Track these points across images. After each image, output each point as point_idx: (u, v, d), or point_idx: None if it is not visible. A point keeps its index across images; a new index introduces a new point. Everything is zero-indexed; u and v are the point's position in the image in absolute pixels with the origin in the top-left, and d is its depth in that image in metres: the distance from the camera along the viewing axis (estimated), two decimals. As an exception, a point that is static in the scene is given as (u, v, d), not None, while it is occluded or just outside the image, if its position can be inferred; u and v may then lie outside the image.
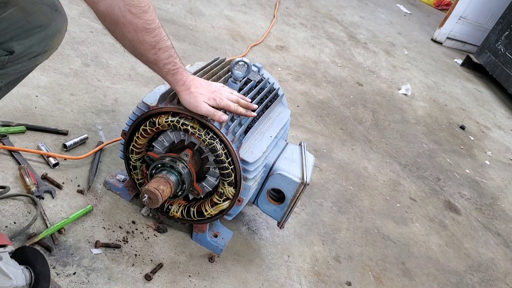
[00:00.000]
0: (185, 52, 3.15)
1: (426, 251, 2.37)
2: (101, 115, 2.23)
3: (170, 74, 1.50)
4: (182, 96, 1.52)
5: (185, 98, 1.52)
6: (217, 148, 1.57)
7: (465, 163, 3.40)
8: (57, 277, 1.48)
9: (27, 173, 1.73)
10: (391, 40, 5.26)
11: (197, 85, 1.55)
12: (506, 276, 2.44)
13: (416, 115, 3.84)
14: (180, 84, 1.52)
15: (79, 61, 2.53)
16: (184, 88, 1.52)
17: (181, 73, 1.52)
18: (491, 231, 2.75)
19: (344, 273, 2.02)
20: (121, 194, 1.87)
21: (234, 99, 1.62)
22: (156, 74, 1.53)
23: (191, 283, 1.67)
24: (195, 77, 1.59)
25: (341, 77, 3.89)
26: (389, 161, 3.02)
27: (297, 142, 2.57)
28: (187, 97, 1.52)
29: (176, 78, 1.51)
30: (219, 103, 1.55)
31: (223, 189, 1.66)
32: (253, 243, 1.96)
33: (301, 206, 2.27)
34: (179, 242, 1.80)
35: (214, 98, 1.55)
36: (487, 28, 5.60)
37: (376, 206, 2.54)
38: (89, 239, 1.65)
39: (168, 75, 1.50)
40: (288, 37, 4.17)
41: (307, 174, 1.73)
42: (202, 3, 4.00)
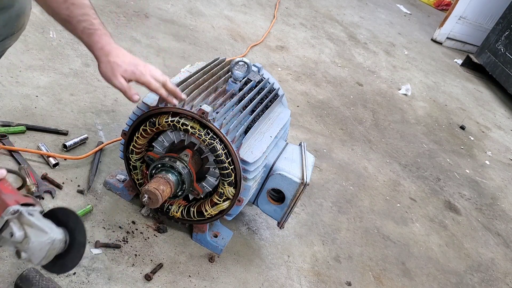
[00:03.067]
0: (185, 52, 3.15)
1: (426, 251, 2.37)
2: (101, 115, 2.23)
3: (86, 34, 1.33)
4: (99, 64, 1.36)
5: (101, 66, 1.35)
6: (217, 148, 1.57)
7: (465, 163, 3.40)
8: (57, 277, 1.48)
9: (27, 173, 1.73)
10: (391, 40, 5.26)
11: (118, 55, 1.38)
12: (506, 276, 2.44)
13: (416, 115, 3.84)
14: (98, 48, 1.35)
15: (79, 61, 2.53)
16: (102, 54, 1.35)
17: (99, 36, 1.35)
18: (491, 231, 2.75)
19: (344, 273, 2.02)
20: (121, 194, 1.87)
21: (161, 79, 1.46)
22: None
23: (191, 283, 1.67)
24: (119, 47, 1.41)
25: (341, 77, 3.89)
26: (389, 161, 3.02)
27: (297, 142, 2.57)
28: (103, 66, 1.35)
29: (92, 40, 1.34)
30: (138, 77, 1.40)
31: (223, 189, 1.66)
32: (253, 243, 1.96)
33: (301, 206, 2.27)
34: (179, 242, 1.80)
35: (134, 72, 1.39)
36: (487, 28, 5.60)
37: (376, 206, 2.54)
38: (89, 239, 1.65)
39: (83, 35, 1.33)
40: (288, 37, 4.17)
41: (307, 174, 1.73)
42: (202, 3, 4.00)
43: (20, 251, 1.05)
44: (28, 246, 1.03)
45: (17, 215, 1.04)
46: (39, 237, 1.04)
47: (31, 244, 1.03)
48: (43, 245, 1.05)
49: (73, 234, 1.11)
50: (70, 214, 1.11)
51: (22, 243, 1.03)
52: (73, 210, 1.13)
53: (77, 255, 1.12)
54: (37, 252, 1.05)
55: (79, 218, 1.12)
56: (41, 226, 1.05)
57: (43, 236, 1.05)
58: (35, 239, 1.03)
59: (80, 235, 1.11)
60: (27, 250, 1.04)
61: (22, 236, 1.03)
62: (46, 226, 1.06)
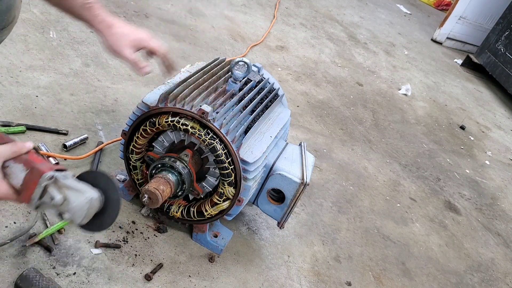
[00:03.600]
0: (185, 52, 3.15)
1: (426, 251, 2.37)
2: (101, 115, 2.23)
3: (85, 8, 1.32)
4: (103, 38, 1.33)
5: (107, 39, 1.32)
6: (217, 148, 1.58)
7: (465, 163, 3.40)
8: (57, 277, 1.48)
9: (27, 173, 1.73)
10: (391, 40, 5.26)
11: (120, 26, 1.37)
12: (506, 276, 2.44)
13: (416, 115, 3.84)
14: (99, 21, 1.34)
15: (79, 61, 2.53)
16: (104, 27, 1.33)
17: (98, 8, 1.34)
18: (491, 231, 2.75)
19: (344, 273, 2.02)
20: (121, 194, 1.87)
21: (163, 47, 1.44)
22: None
23: (191, 283, 1.67)
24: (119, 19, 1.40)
25: (341, 77, 3.89)
26: (389, 161, 3.02)
27: (297, 142, 2.57)
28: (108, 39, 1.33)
29: (93, 14, 1.33)
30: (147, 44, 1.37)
31: (223, 189, 1.66)
32: (253, 243, 1.96)
33: (301, 206, 2.27)
34: (179, 242, 1.80)
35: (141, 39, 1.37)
36: (487, 28, 5.60)
37: (376, 206, 2.54)
38: (89, 239, 1.65)
39: (82, 10, 1.32)
40: (288, 37, 4.17)
41: (307, 174, 1.73)
42: (202, 3, 4.00)
43: (62, 213, 1.12)
44: (68, 207, 1.10)
45: (54, 180, 1.10)
46: (77, 198, 1.10)
47: (71, 205, 1.10)
48: (82, 204, 1.11)
49: (107, 193, 1.16)
50: (100, 175, 1.17)
51: (63, 205, 1.10)
52: (102, 172, 1.19)
53: (113, 211, 1.17)
54: (78, 212, 1.11)
55: (109, 177, 1.17)
56: (78, 187, 1.11)
57: (81, 196, 1.11)
58: (74, 199, 1.10)
59: (113, 192, 1.16)
60: (68, 210, 1.11)
61: (61, 199, 1.10)
62: (82, 187, 1.12)
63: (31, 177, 1.09)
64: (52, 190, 1.10)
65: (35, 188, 1.09)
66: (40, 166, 1.10)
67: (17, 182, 1.10)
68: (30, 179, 1.09)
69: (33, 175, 1.09)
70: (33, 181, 1.09)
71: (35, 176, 1.09)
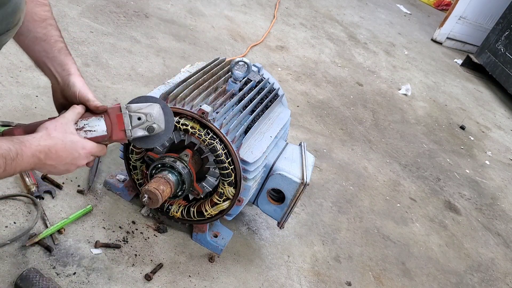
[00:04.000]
0: (185, 52, 3.15)
1: (426, 251, 2.37)
2: (101, 115, 2.23)
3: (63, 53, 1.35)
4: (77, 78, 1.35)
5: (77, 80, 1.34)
6: (217, 148, 1.58)
7: (465, 163, 3.40)
8: (57, 277, 1.48)
9: (27, 173, 1.73)
10: (391, 40, 5.26)
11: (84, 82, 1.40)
12: (506, 276, 2.44)
13: (416, 115, 3.84)
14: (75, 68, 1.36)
15: (79, 61, 2.53)
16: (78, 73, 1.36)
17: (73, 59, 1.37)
18: (491, 231, 2.75)
19: (344, 273, 2.02)
20: (121, 194, 1.87)
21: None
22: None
23: (191, 283, 1.67)
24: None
25: (341, 77, 3.89)
26: (389, 161, 3.02)
27: (297, 142, 2.57)
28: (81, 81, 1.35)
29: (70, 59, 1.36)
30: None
31: (223, 189, 1.66)
32: (253, 243, 1.96)
33: (301, 206, 2.27)
34: (179, 242, 1.80)
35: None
36: (487, 28, 5.60)
37: (376, 206, 2.54)
38: (89, 239, 1.65)
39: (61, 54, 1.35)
40: (288, 37, 4.17)
41: (307, 174, 1.73)
42: (202, 3, 4.00)
43: (151, 125, 1.28)
44: (152, 118, 1.28)
45: (128, 108, 1.27)
46: (153, 109, 1.28)
47: (154, 116, 1.28)
48: (159, 111, 1.30)
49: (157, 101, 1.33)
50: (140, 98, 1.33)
51: (148, 119, 1.27)
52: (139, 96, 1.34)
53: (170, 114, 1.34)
54: (159, 119, 1.29)
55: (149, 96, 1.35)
56: (146, 104, 1.29)
57: (153, 106, 1.29)
58: (152, 111, 1.28)
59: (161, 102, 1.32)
60: (154, 121, 1.28)
61: (144, 115, 1.28)
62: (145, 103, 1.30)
63: (112, 116, 1.25)
64: (135, 114, 1.27)
65: (123, 120, 1.26)
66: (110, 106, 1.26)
67: (102, 130, 1.24)
68: (112, 118, 1.25)
69: (112, 112, 1.25)
70: (118, 116, 1.26)
71: (115, 112, 1.25)
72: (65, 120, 1.21)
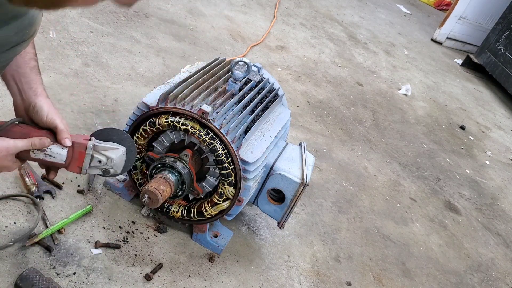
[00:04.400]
0: (185, 52, 3.15)
1: (426, 251, 2.37)
2: (101, 115, 2.23)
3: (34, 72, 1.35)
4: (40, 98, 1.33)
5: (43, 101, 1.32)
6: (217, 148, 1.58)
7: (465, 163, 3.40)
8: (57, 277, 1.48)
9: (27, 173, 1.73)
10: (391, 40, 5.26)
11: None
12: (506, 276, 2.44)
13: (416, 115, 3.84)
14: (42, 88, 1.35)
15: (79, 61, 2.53)
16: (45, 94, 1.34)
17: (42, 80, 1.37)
18: (491, 231, 2.75)
19: (344, 273, 2.02)
20: (121, 194, 1.87)
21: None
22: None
23: (191, 283, 1.67)
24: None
25: (341, 77, 3.89)
26: (389, 161, 3.02)
27: (297, 142, 2.57)
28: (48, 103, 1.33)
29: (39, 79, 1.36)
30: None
31: (223, 189, 1.66)
32: (253, 243, 1.96)
33: (301, 206, 2.27)
34: (179, 242, 1.80)
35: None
36: (487, 28, 5.60)
37: (376, 206, 2.54)
38: (89, 239, 1.65)
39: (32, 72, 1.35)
40: (288, 37, 4.17)
41: (307, 174, 1.73)
42: (202, 3, 4.00)
43: (108, 169, 1.34)
44: (113, 163, 1.32)
45: (94, 147, 1.30)
46: (116, 154, 1.33)
47: (115, 161, 1.32)
48: (121, 157, 1.35)
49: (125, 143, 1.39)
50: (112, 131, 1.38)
51: (107, 163, 1.32)
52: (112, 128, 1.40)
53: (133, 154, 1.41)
54: (119, 164, 1.35)
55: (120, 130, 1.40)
56: (111, 146, 1.33)
57: (118, 151, 1.33)
58: (115, 156, 1.32)
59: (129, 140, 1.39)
60: (113, 166, 1.33)
61: (106, 159, 1.32)
62: (113, 145, 1.34)
63: (75, 151, 1.27)
64: (97, 155, 1.31)
65: (83, 159, 1.28)
66: (79, 140, 1.28)
67: (61, 160, 1.26)
68: (75, 153, 1.27)
69: (76, 148, 1.27)
70: (80, 153, 1.28)
71: (80, 149, 1.27)
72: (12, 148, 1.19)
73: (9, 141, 1.19)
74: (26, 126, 1.27)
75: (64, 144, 1.26)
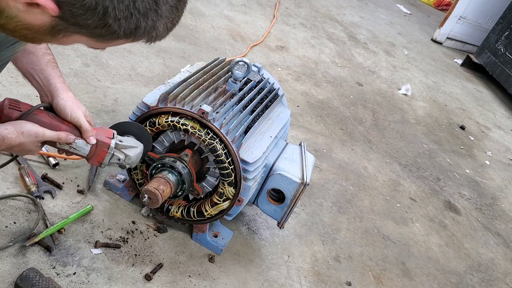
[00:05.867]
0: (185, 52, 3.15)
1: (426, 251, 2.37)
2: (101, 115, 2.23)
3: (50, 66, 1.38)
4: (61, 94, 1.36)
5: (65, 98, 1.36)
6: (217, 148, 1.57)
7: (465, 163, 3.40)
8: (57, 277, 1.48)
9: (27, 173, 1.73)
10: (391, 40, 5.26)
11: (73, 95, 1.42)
12: (506, 276, 2.44)
13: (416, 115, 3.84)
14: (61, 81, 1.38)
15: (79, 61, 2.53)
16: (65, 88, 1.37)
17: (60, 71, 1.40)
18: (491, 231, 2.75)
19: (344, 273, 2.02)
20: (121, 194, 1.87)
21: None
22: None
23: (191, 283, 1.67)
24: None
25: (341, 77, 3.89)
26: (389, 161, 3.02)
27: (297, 142, 2.57)
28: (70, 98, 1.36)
29: (57, 72, 1.38)
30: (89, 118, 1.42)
31: (223, 189, 1.66)
32: (253, 243, 1.96)
33: (301, 206, 2.27)
34: (179, 242, 1.80)
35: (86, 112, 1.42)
36: (487, 28, 5.59)
37: (376, 206, 2.54)
38: (89, 239, 1.65)
39: (48, 67, 1.37)
40: (288, 37, 4.17)
41: (307, 174, 1.73)
42: (202, 3, 4.00)
43: (124, 165, 1.44)
44: (130, 161, 1.44)
45: (117, 146, 1.41)
46: (134, 152, 1.45)
47: (132, 159, 1.44)
48: (138, 155, 1.48)
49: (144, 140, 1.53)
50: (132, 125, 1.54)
51: (125, 160, 1.43)
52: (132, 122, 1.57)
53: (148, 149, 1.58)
54: (135, 161, 1.47)
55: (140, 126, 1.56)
56: (131, 144, 1.45)
57: (136, 150, 1.46)
58: (133, 154, 1.44)
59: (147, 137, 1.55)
60: (129, 163, 1.44)
61: (124, 156, 1.43)
62: (132, 143, 1.47)
63: (98, 148, 1.37)
64: (117, 153, 1.41)
65: (104, 156, 1.39)
66: (102, 139, 1.37)
67: (84, 153, 1.36)
68: (98, 149, 1.37)
69: (99, 146, 1.37)
70: (102, 151, 1.38)
71: (103, 147, 1.37)
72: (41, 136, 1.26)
73: (39, 128, 1.26)
74: (55, 117, 1.34)
75: (90, 142, 1.35)
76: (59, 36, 0.88)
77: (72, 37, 0.88)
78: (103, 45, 0.92)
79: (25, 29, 0.86)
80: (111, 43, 0.91)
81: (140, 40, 0.91)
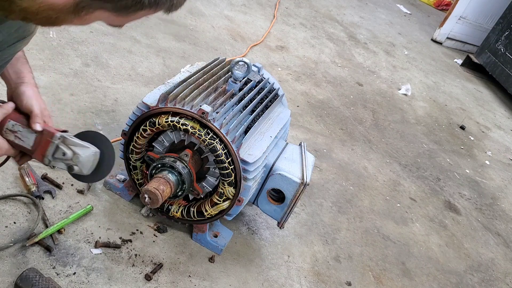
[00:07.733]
0: (185, 52, 3.15)
1: (426, 251, 2.37)
2: (101, 115, 2.23)
3: (21, 61, 1.38)
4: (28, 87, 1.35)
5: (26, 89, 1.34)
6: (217, 148, 1.58)
7: (465, 163, 3.40)
8: (57, 277, 1.48)
9: (27, 173, 1.73)
10: (391, 40, 5.26)
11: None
12: (506, 276, 2.44)
13: (416, 115, 3.84)
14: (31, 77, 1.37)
15: (79, 61, 2.53)
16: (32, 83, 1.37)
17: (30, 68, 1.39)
18: (491, 231, 2.75)
19: (344, 273, 2.02)
20: (121, 194, 1.87)
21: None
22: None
23: (191, 283, 1.67)
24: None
25: (341, 77, 3.89)
26: (389, 161, 3.02)
27: (297, 142, 2.57)
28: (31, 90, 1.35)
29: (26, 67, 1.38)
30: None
31: (223, 189, 1.66)
32: (253, 243, 1.96)
33: (301, 206, 2.27)
34: (179, 242, 1.80)
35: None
36: (487, 28, 5.59)
37: (376, 206, 2.54)
38: (89, 239, 1.65)
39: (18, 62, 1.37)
40: (288, 37, 4.17)
41: (307, 174, 1.73)
42: (202, 3, 4.00)
43: (72, 166, 1.27)
44: (78, 160, 1.26)
45: (62, 139, 1.25)
46: (85, 152, 1.27)
47: (80, 158, 1.26)
48: (89, 157, 1.28)
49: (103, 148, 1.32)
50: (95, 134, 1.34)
51: (73, 159, 1.26)
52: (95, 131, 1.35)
53: (110, 162, 1.34)
54: (85, 164, 1.27)
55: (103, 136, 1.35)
56: (83, 144, 1.27)
57: (87, 150, 1.27)
58: (82, 153, 1.26)
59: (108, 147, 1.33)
60: (77, 163, 1.27)
61: (71, 154, 1.26)
62: (85, 143, 1.29)
63: (43, 139, 1.25)
64: (63, 147, 1.26)
65: (48, 147, 1.25)
66: (49, 128, 1.25)
67: (29, 144, 1.25)
68: (42, 140, 1.25)
69: (45, 135, 1.25)
70: (46, 141, 1.25)
71: (47, 137, 1.25)
72: None
73: None
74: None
75: (34, 128, 1.25)
76: (82, 14, 0.87)
77: (95, 14, 0.87)
78: (124, 19, 0.91)
79: (48, 10, 0.85)
80: (133, 16, 0.90)
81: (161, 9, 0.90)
